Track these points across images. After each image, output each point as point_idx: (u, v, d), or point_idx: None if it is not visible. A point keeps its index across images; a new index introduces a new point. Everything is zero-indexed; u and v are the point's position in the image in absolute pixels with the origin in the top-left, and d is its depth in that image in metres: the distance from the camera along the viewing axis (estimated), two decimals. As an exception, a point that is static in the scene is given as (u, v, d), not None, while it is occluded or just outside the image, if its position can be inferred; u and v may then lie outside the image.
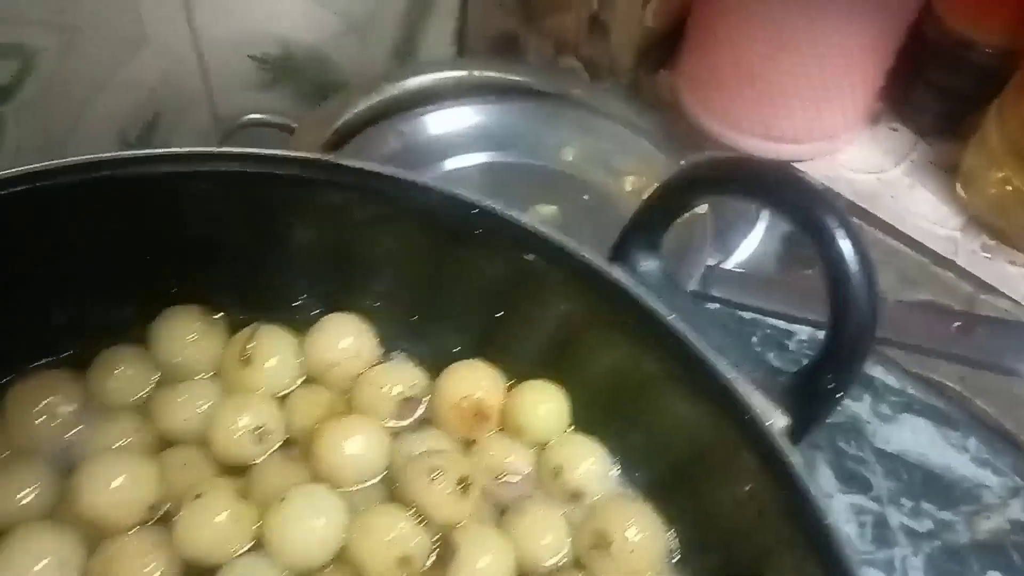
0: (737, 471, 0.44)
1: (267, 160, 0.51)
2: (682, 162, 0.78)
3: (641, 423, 0.50)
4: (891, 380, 0.80)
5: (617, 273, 0.47)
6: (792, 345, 0.80)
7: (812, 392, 0.44)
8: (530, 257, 0.49)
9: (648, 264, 0.49)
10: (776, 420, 0.43)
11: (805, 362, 0.44)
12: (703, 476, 0.47)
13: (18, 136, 0.77)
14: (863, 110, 0.84)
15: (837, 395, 0.43)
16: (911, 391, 0.80)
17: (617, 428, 0.52)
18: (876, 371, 0.81)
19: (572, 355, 0.52)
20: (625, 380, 0.50)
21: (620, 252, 0.49)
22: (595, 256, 0.47)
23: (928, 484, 0.74)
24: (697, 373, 0.44)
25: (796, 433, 0.43)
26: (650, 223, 0.49)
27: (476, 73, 0.91)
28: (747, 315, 0.74)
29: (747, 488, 0.44)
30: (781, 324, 0.78)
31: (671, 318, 0.45)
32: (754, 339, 0.79)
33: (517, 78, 0.91)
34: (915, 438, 0.77)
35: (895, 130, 0.87)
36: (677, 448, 0.49)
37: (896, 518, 0.71)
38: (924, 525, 0.71)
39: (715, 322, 0.48)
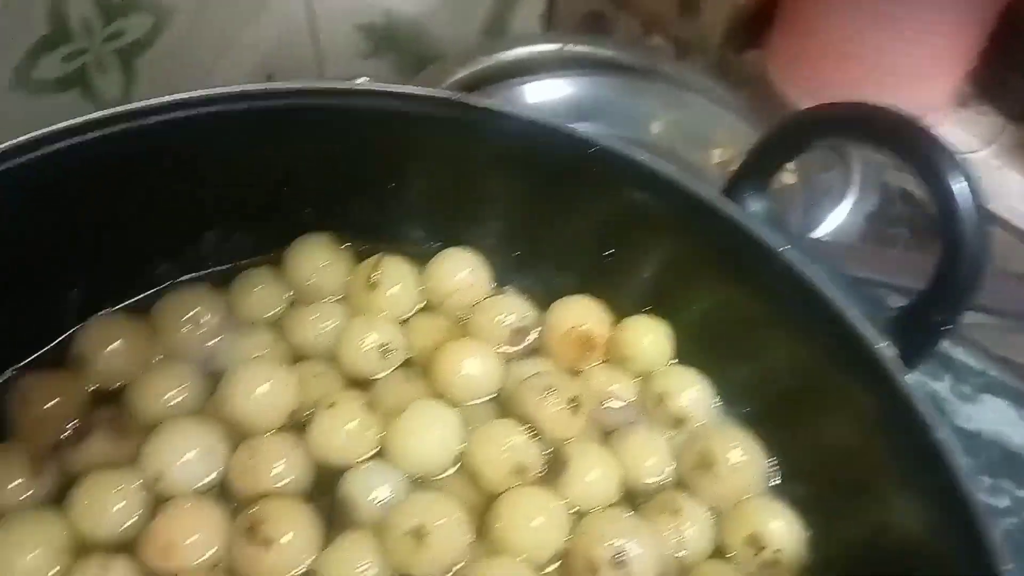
0: (845, 398, 0.47)
1: (404, 97, 0.55)
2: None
3: (745, 355, 0.53)
4: (972, 362, 0.81)
5: (731, 208, 0.49)
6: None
7: (920, 325, 0.46)
8: (645, 194, 0.53)
9: (757, 205, 0.51)
10: (886, 348, 0.45)
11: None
12: (807, 405, 0.50)
13: (148, 92, 0.83)
14: (953, 91, 0.85)
15: (944, 328, 0.45)
16: (992, 372, 0.81)
17: (720, 360, 0.55)
18: (957, 352, 0.81)
19: (678, 290, 0.55)
20: (731, 313, 0.53)
21: (732, 192, 0.52)
22: (710, 192, 0.50)
23: (1007, 462, 0.74)
24: (809, 303, 0.47)
25: (904, 364, 0.46)
26: (761, 166, 0.52)
27: (568, 48, 0.95)
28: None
29: (855, 413, 0.46)
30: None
31: (784, 250, 0.48)
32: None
33: (607, 53, 0.94)
34: (995, 417, 0.77)
35: (983, 113, 0.88)
36: (781, 378, 0.51)
37: (975, 495, 0.72)
38: (1002, 502, 0.72)
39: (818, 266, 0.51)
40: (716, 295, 0.54)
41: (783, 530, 0.49)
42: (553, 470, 0.52)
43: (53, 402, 0.53)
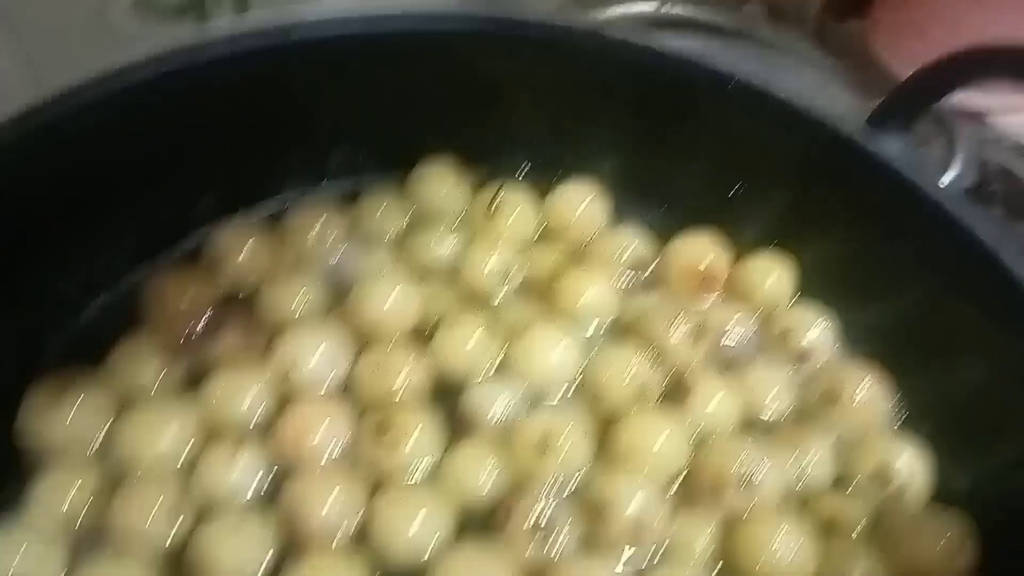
0: (989, 344, 0.46)
1: (534, 27, 0.56)
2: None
3: (875, 294, 0.52)
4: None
5: (882, 147, 0.49)
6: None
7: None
8: (783, 131, 0.53)
9: (899, 144, 0.51)
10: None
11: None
12: (941, 347, 0.49)
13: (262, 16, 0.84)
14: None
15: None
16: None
17: (846, 299, 0.54)
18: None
19: (807, 228, 0.55)
20: (864, 253, 0.52)
21: (874, 130, 0.51)
22: (860, 130, 0.50)
23: None
24: (961, 246, 0.46)
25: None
26: (905, 107, 0.51)
27: (664, 9, 0.95)
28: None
29: (999, 360, 0.46)
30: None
31: (930, 188, 0.48)
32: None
33: (703, 14, 0.94)
34: None
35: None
36: (913, 319, 0.51)
37: None
38: None
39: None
40: (849, 234, 0.53)
41: (909, 465, 0.48)
42: (674, 396, 0.52)
43: (187, 297, 0.54)
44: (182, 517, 0.47)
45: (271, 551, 0.46)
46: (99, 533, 0.47)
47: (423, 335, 0.54)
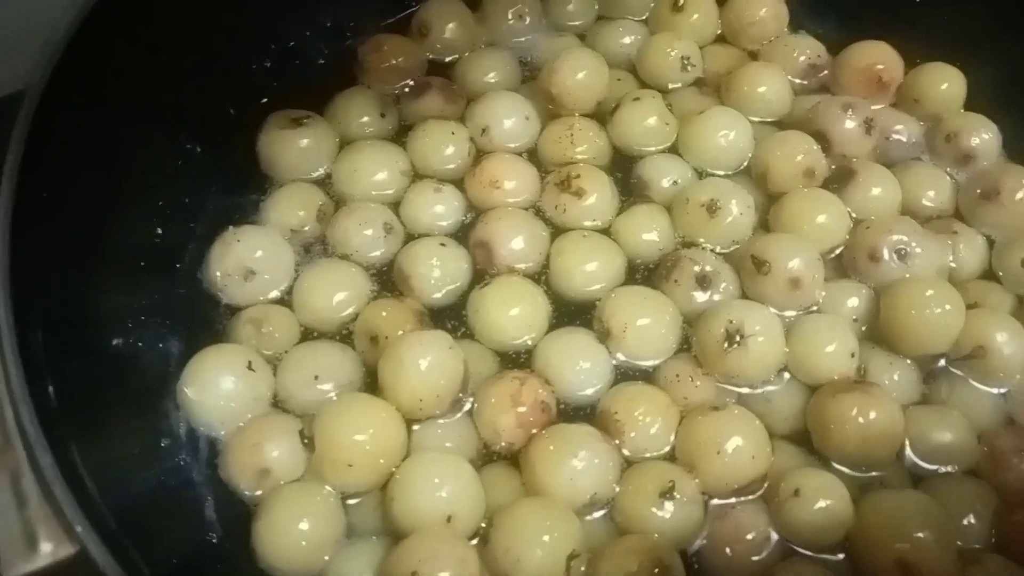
0: None
1: None
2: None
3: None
4: None
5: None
6: None
7: None
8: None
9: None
10: None
11: None
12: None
13: None
14: None
15: None
16: None
17: (1014, 115, 0.56)
18: None
19: (979, 44, 0.57)
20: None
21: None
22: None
23: None
24: None
25: None
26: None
27: None
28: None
29: None
30: None
31: None
32: None
33: None
34: None
35: None
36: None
37: None
38: None
39: None
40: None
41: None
42: (840, 179, 0.55)
43: (398, 59, 0.60)
44: (392, 235, 0.54)
45: (467, 270, 0.53)
46: (322, 241, 0.55)
47: (607, 112, 0.59)
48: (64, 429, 0.35)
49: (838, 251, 0.54)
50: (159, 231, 0.52)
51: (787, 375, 0.50)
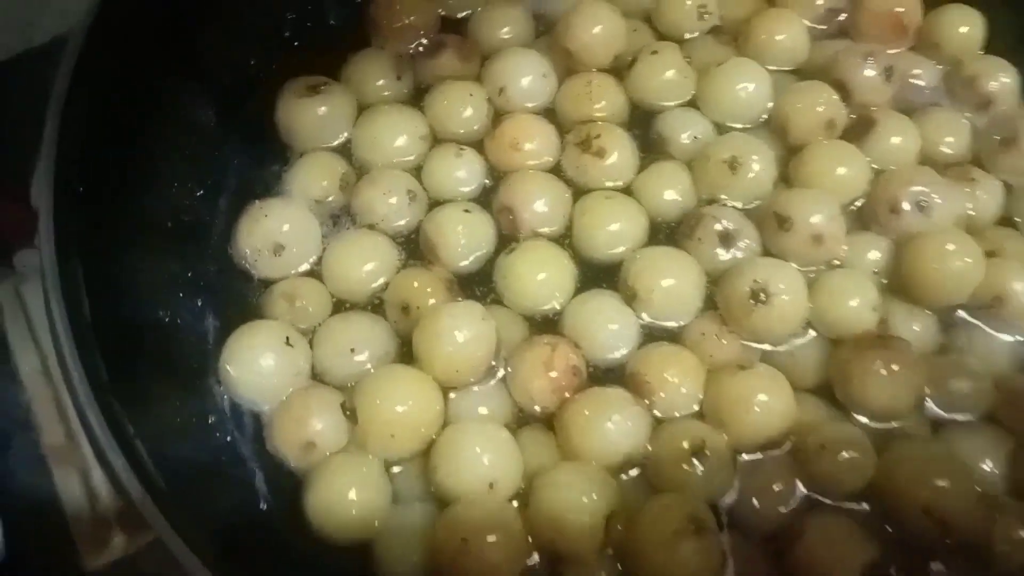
0: None
1: None
2: None
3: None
4: None
5: None
6: None
7: None
8: None
9: None
10: None
11: None
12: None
13: None
14: None
15: None
16: None
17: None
18: None
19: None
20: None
21: None
22: None
23: None
24: None
25: None
26: None
27: None
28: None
29: None
30: None
31: None
32: None
33: None
34: None
35: None
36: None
37: None
38: None
39: None
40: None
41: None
42: (859, 129, 0.55)
43: (411, 17, 0.60)
44: (416, 203, 0.55)
45: (492, 236, 0.54)
46: (347, 211, 0.55)
47: (624, 66, 0.59)
48: (120, 414, 0.36)
49: (859, 203, 0.54)
50: (187, 204, 0.53)
51: (811, 330, 0.51)
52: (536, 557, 0.44)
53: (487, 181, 0.56)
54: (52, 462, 0.34)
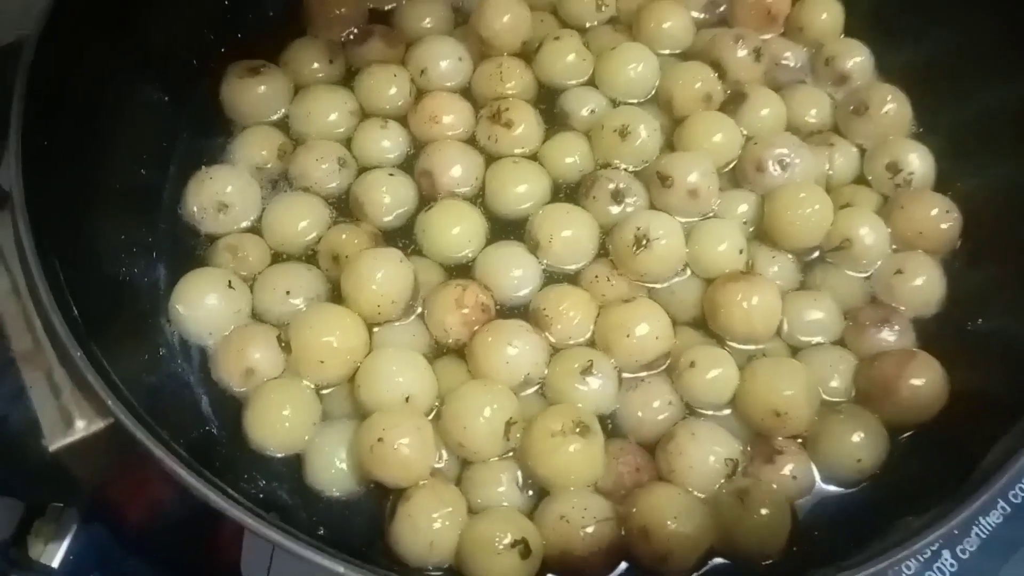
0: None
1: None
2: None
3: (911, 34, 0.63)
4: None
5: None
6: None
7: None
8: None
9: None
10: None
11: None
12: (965, 79, 0.60)
13: None
14: None
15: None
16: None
17: (885, 38, 0.65)
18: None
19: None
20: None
21: None
22: None
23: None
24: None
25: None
26: None
27: None
28: None
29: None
30: None
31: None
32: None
33: None
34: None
35: None
36: (942, 55, 0.62)
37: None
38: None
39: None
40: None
41: (917, 159, 0.60)
42: (733, 102, 0.64)
43: (341, 9, 0.67)
44: (345, 168, 0.62)
45: (414, 196, 0.61)
46: (285, 176, 0.62)
47: (531, 51, 0.67)
48: (86, 334, 0.43)
49: (732, 165, 0.63)
50: (142, 172, 0.60)
51: (688, 271, 0.59)
52: (446, 456, 0.52)
53: (410, 150, 0.64)
54: (20, 363, 0.40)
